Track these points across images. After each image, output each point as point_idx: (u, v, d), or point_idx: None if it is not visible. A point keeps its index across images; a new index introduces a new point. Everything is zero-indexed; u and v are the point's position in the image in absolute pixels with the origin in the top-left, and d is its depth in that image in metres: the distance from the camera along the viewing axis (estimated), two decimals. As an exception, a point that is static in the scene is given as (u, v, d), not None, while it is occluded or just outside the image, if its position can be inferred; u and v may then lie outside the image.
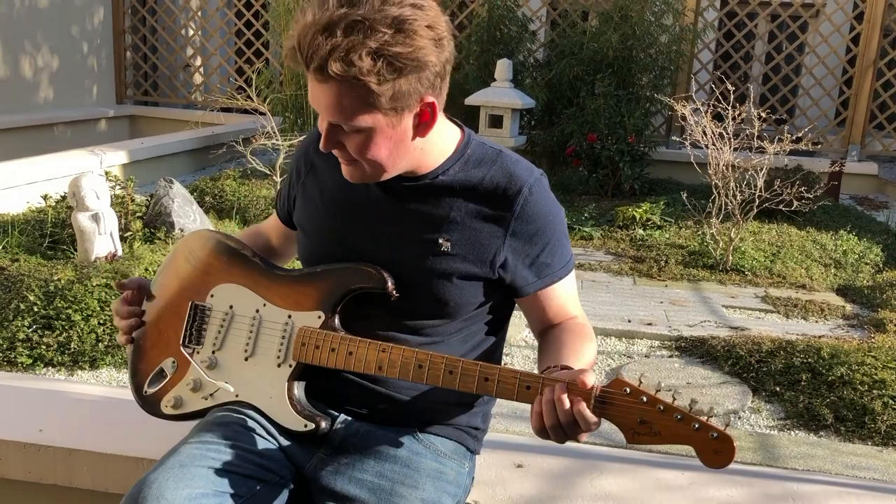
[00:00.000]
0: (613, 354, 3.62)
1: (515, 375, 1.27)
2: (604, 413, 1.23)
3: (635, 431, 1.22)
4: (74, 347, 3.18)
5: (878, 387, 3.07)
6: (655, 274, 4.82)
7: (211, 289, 1.53)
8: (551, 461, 1.83)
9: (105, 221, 3.91)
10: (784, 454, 2.74)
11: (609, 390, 1.23)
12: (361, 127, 1.28)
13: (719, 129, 4.98)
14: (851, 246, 5.40)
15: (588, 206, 6.12)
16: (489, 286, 1.44)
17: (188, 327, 1.52)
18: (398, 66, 1.22)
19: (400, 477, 1.40)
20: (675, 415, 1.20)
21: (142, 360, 1.57)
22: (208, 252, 1.56)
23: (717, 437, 1.19)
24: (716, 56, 8.67)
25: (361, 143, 1.30)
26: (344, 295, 1.42)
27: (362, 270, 1.41)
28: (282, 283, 1.49)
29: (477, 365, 1.29)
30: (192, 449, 1.35)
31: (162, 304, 1.58)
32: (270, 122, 5.46)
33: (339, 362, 1.38)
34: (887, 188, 8.04)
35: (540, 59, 8.11)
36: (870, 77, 8.13)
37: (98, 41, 9.29)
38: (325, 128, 1.31)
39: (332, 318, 1.42)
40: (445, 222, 1.40)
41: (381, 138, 1.30)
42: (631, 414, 1.22)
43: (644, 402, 1.21)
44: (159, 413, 1.53)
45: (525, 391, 1.27)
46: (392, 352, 1.34)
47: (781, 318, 4.16)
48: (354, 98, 1.24)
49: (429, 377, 1.31)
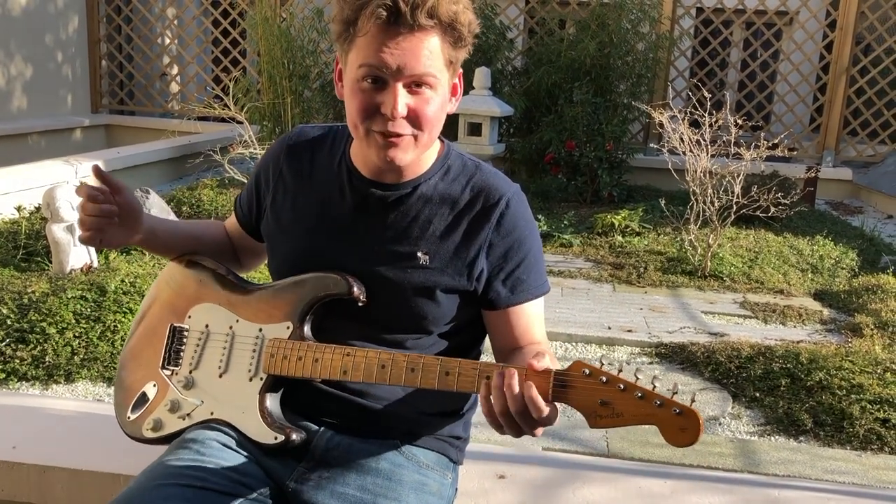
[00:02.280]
0: (594, 361, 3.62)
1: (475, 367, 1.26)
2: (564, 397, 1.20)
3: (597, 414, 1.18)
4: (49, 361, 3.13)
5: (855, 391, 3.09)
6: (635, 280, 4.83)
7: (189, 310, 1.54)
8: (533, 471, 1.83)
9: (80, 233, 3.86)
10: (765, 460, 2.75)
11: (568, 372, 1.21)
12: (435, 78, 1.32)
13: (696, 136, 5.02)
14: (828, 251, 5.45)
15: (567, 214, 6.13)
16: (467, 298, 1.44)
17: (167, 349, 1.53)
18: (471, 29, 1.34)
19: (382, 490, 1.38)
20: (636, 393, 1.17)
21: (126, 387, 1.57)
22: (186, 275, 1.59)
23: (680, 413, 1.15)
24: (692, 63, 8.75)
25: (426, 100, 1.33)
26: (311, 303, 1.42)
27: (328, 278, 1.41)
28: (253, 299, 1.50)
29: (438, 360, 1.28)
30: (166, 467, 1.34)
31: (144, 330, 1.60)
32: (248, 130, 5.44)
33: (307, 370, 1.37)
34: (861, 193, 8.14)
35: (518, 67, 8.14)
36: (843, 84, 8.24)
37: (73, 50, 9.21)
38: (399, 93, 1.30)
39: (301, 328, 1.42)
40: (424, 235, 1.41)
41: (439, 97, 1.35)
42: (591, 396, 1.18)
43: (604, 383, 1.18)
44: (141, 437, 1.53)
45: (485, 382, 1.24)
46: (356, 355, 1.33)
47: (760, 324, 4.19)
48: (442, 50, 1.32)
49: (392, 377, 1.30)
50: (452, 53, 1.34)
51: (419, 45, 1.28)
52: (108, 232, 1.46)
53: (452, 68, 1.36)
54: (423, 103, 1.32)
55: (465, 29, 1.32)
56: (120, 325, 3.29)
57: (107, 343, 3.24)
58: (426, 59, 1.29)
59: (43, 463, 1.78)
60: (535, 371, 1.20)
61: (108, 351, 3.21)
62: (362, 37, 1.28)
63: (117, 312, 3.34)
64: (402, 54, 1.28)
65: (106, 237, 1.47)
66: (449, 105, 1.39)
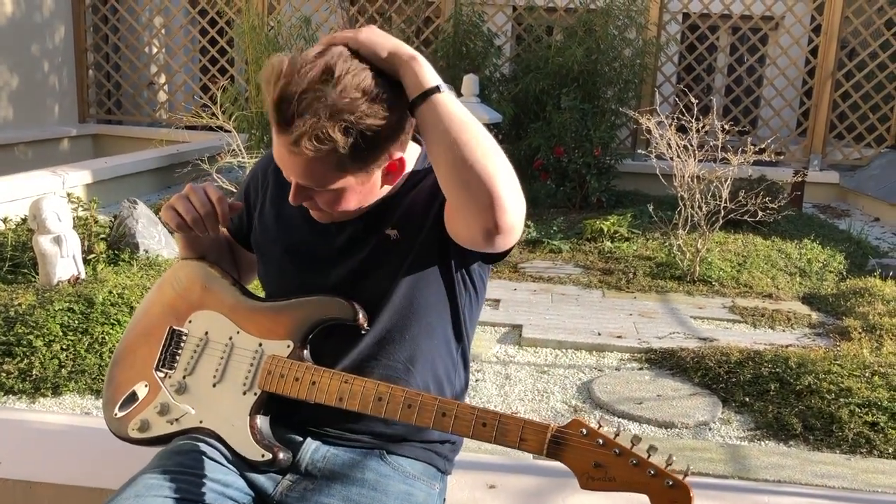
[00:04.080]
0: (584, 368, 3.63)
1: (473, 412, 1.26)
2: (559, 454, 1.20)
3: (590, 476, 1.18)
4: (36, 374, 3.11)
5: (844, 395, 3.11)
6: (624, 286, 4.84)
7: (190, 314, 1.53)
8: (525, 480, 1.82)
9: (67, 244, 3.84)
10: (755, 465, 2.76)
11: (565, 431, 1.20)
12: (331, 188, 1.30)
13: (684, 142, 5.04)
14: (815, 254, 5.48)
15: (556, 220, 6.14)
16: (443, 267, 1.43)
17: (163, 351, 1.52)
18: (369, 137, 1.24)
19: (367, 500, 1.38)
20: (630, 460, 1.17)
21: (116, 384, 1.56)
22: (192, 279, 1.57)
23: (672, 486, 1.15)
24: (679, 69, 8.79)
25: (332, 200, 1.33)
26: (314, 325, 1.42)
27: (335, 302, 1.41)
28: (257, 312, 1.49)
29: (436, 400, 1.28)
30: (149, 479, 1.33)
31: (143, 329, 1.58)
32: (236, 139, 5.42)
33: (302, 392, 1.37)
34: (848, 197, 8.19)
35: (506, 74, 8.16)
36: (829, 88, 8.29)
37: (59, 59, 9.17)
38: (294, 187, 1.32)
39: (301, 349, 1.42)
40: (393, 216, 1.42)
41: (351, 194, 1.33)
42: (586, 457, 1.18)
43: (600, 445, 1.18)
44: (126, 437, 1.51)
45: (481, 428, 1.25)
46: (354, 383, 1.33)
47: (749, 328, 4.20)
48: (326, 166, 1.27)
49: (387, 410, 1.30)
50: (350, 159, 1.26)
51: (301, 164, 1.27)
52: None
53: (364, 165, 1.29)
54: (327, 202, 1.34)
55: (345, 150, 1.23)
56: (108, 338, 3.27)
57: (94, 355, 3.21)
58: (307, 178, 1.29)
59: (29, 479, 1.77)
60: (533, 425, 1.20)
61: (95, 363, 3.19)
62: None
63: (105, 324, 3.32)
64: (287, 168, 1.30)
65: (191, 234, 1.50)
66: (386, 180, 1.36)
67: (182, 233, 1.50)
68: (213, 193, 1.45)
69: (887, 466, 2.77)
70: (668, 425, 3.07)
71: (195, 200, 1.44)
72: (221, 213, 1.45)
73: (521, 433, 1.22)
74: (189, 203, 1.44)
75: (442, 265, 1.42)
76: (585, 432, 1.19)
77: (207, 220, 1.44)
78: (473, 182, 1.21)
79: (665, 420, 3.09)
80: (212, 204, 1.44)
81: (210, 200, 1.44)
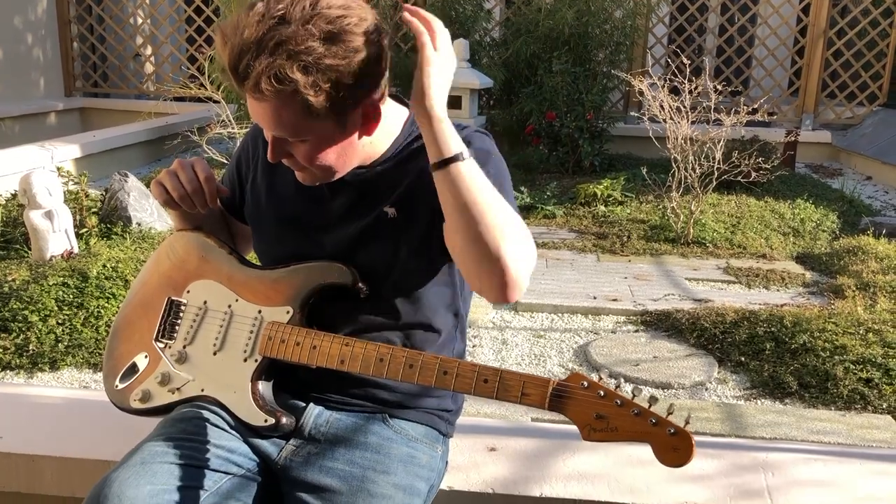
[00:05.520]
0: (580, 331, 3.64)
1: (474, 369, 1.26)
2: (560, 406, 1.21)
3: (591, 427, 1.19)
4: (33, 349, 3.10)
5: (839, 352, 3.13)
6: (618, 250, 4.85)
7: (188, 285, 1.53)
8: (524, 443, 1.83)
9: (59, 219, 3.82)
10: (751, 423, 2.79)
11: (566, 384, 1.21)
12: (303, 138, 1.27)
13: (676, 103, 5.01)
14: (808, 214, 5.49)
15: (550, 185, 6.13)
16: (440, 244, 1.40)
17: (162, 322, 1.52)
18: (332, 77, 1.19)
19: (371, 463, 1.39)
20: (632, 409, 1.18)
21: (116, 356, 1.57)
22: (188, 249, 1.57)
23: (674, 434, 1.16)
24: (670, 30, 8.72)
25: (309, 152, 1.29)
26: (313, 291, 1.42)
27: (333, 267, 1.41)
28: (255, 279, 1.48)
29: (437, 359, 1.28)
30: (155, 445, 1.34)
31: (141, 300, 1.58)
32: (225, 110, 5.37)
33: (304, 357, 1.37)
34: (840, 156, 8.19)
35: (496, 38, 8.08)
36: (821, 46, 8.25)
37: (43, 32, 9.04)
38: (270, 141, 1.29)
39: (301, 314, 1.41)
40: (391, 194, 1.41)
41: (328, 145, 1.29)
42: (588, 408, 1.19)
43: (601, 397, 1.19)
44: (128, 408, 1.52)
45: (483, 384, 1.25)
46: (355, 346, 1.33)
47: (744, 289, 4.22)
48: (294, 112, 1.22)
49: (389, 371, 1.30)
50: (316, 102, 1.20)
51: (268, 111, 1.23)
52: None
53: (335, 109, 1.23)
54: (305, 154, 1.30)
55: (307, 90, 1.18)
56: (103, 311, 3.27)
57: (91, 329, 3.21)
58: (278, 125, 1.25)
59: (31, 452, 1.77)
60: (534, 380, 1.20)
61: (92, 337, 3.19)
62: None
63: (100, 298, 3.31)
64: (258, 117, 1.26)
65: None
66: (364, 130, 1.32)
67: (170, 208, 1.49)
68: (202, 171, 1.44)
69: (881, 422, 2.80)
70: (665, 386, 3.09)
71: (183, 177, 1.43)
72: (209, 193, 1.44)
73: (522, 388, 1.23)
74: (177, 180, 1.43)
75: (440, 242, 1.41)
76: (586, 384, 1.20)
77: (195, 198, 1.44)
78: (486, 261, 1.23)
79: (662, 381, 3.11)
80: (199, 182, 1.43)
81: (197, 178, 1.43)
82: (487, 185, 1.25)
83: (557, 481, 1.69)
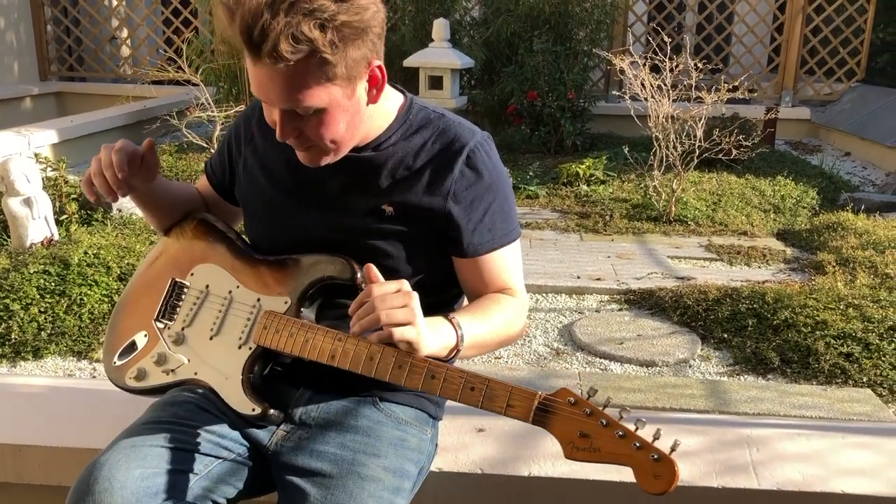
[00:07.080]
0: (564, 311, 3.66)
1: (462, 375, 1.25)
2: (544, 421, 1.19)
3: (574, 445, 1.17)
4: (15, 338, 3.08)
5: (820, 328, 3.17)
6: (601, 229, 4.87)
7: (192, 267, 1.54)
8: (512, 423, 1.84)
9: (38, 206, 3.78)
10: (735, 399, 2.82)
11: (553, 399, 1.20)
12: (318, 106, 1.25)
13: (657, 82, 5.02)
14: (789, 191, 5.54)
15: (532, 165, 6.13)
16: (437, 248, 1.43)
17: (164, 302, 1.53)
18: (346, 34, 1.20)
19: (361, 446, 1.39)
20: (617, 431, 1.15)
21: (118, 332, 1.58)
22: (197, 232, 1.59)
23: (658, 460, 1.13)
24: (650, 7, 8.71)
25: (319, 124, 1.28)
26: (312, 284, 1.41)
27: (335, 261, 1.40)
28: (257, 267, 1.49)
29: (426, 362, 1.28)
30: (144, 429, 1.34)
31: (146, 279, 1.60)
32: (204, 93, 5.32)
33: (296, 348, 1.37)
34: (820, 132, 8.24)
35: (476, 18, 8.04)
36: (799, 23, 8.28)
37: (15, 15, 8.88)
38: (279, 118, 1.27)
39: (298, 305, 1.41)
40: (389, 189, 1.40)
41: (339, 112, 1.29)
42: (572, 425, 1.17)
43: (587, 415, 1.17)
44: (123, 385, 1.53)
45: (469, 392, 1.24)
46: (347, 342, 1.33)
47: (725, 266, 4.26)
48: (310, 74, 1.22)
49: (378, 370, 1.29)
50: (333, 61, 1.21)
51: (284, 76, 1.21)
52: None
53: (348, 71, 1.24)
54: (315, 127, 1.29)
55: (325, 48, 1.19)
56: (86, 299, 3.24)
57: (73, 317, 3.19)
58: (292, 91, 1.23)
59: (17, 442, 1.76)
60: (521, 392, 1.20)
61: (75, 325, 3.17)
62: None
63: (83, 285, 3.29)
64: (270, 89, 1.24)
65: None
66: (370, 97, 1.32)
67: (108, 199, 1.48)
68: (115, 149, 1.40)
69: (862, 395, 2.84)
70: (649, 364, 3.12)
71: (94, 166, 1.42)
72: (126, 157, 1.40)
73: (508, 399, 1.22)
74: (101, 177, 1.42)
75: (435, 238, 1.42)
76: (573, 401, 1.18)
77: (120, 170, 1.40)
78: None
79: (646, 359, 3.14)
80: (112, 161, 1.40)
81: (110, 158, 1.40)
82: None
83: (545, 460, 1.71)
